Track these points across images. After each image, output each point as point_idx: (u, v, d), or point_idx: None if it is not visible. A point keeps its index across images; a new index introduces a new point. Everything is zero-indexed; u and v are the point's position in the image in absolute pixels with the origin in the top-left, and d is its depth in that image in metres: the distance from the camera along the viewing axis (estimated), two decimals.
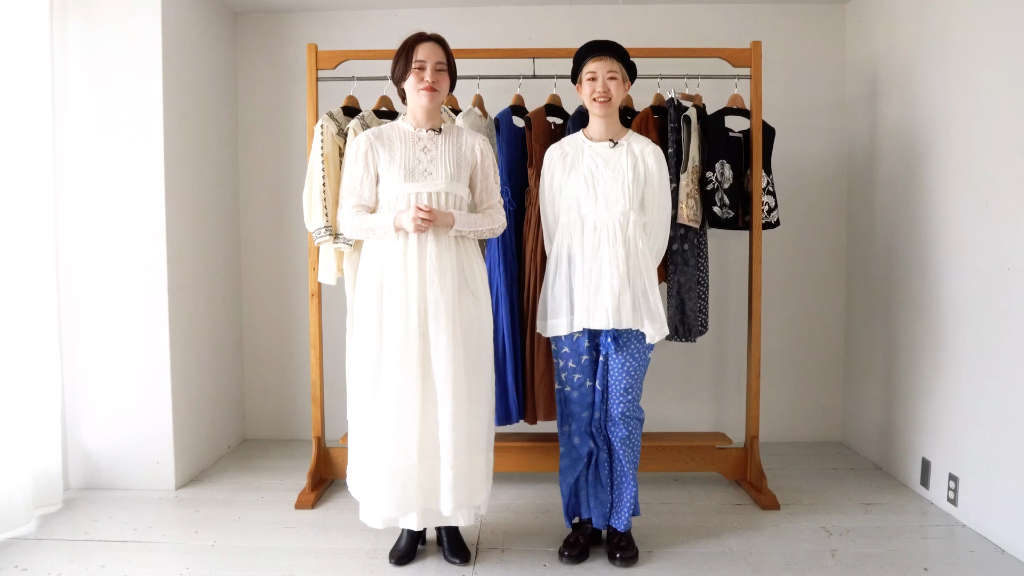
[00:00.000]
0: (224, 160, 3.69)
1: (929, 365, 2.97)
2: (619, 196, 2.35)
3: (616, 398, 2.41)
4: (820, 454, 3.61)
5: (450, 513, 2.29)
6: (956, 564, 2.42)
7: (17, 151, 2.74)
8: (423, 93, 2.28)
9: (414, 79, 2.28)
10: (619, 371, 2.40)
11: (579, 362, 2.43)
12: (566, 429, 2.51)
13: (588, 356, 2.43)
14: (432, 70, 2.28)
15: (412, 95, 2.32)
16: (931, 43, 2.98)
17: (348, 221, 2.34)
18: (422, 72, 2.28)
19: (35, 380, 2.80)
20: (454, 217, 2.29)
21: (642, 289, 2.35)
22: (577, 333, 2.41)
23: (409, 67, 2.28)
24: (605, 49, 2.38)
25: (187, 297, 3.27)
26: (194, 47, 3.36)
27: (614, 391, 2.41)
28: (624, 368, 2.39)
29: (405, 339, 2.25)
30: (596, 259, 2.34)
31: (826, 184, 3.75)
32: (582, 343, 2.42)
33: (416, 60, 2.28)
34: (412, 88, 2.30)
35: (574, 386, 2.45)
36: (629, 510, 2.47)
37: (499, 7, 3.73)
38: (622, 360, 2.39)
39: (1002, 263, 2.54)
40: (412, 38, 2.32)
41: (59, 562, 2.46)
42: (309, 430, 3.68)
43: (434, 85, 2.28)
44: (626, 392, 2.40)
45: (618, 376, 2.40)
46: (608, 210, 2.35)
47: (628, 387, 2.40)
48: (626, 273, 2.32)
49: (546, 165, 2.49)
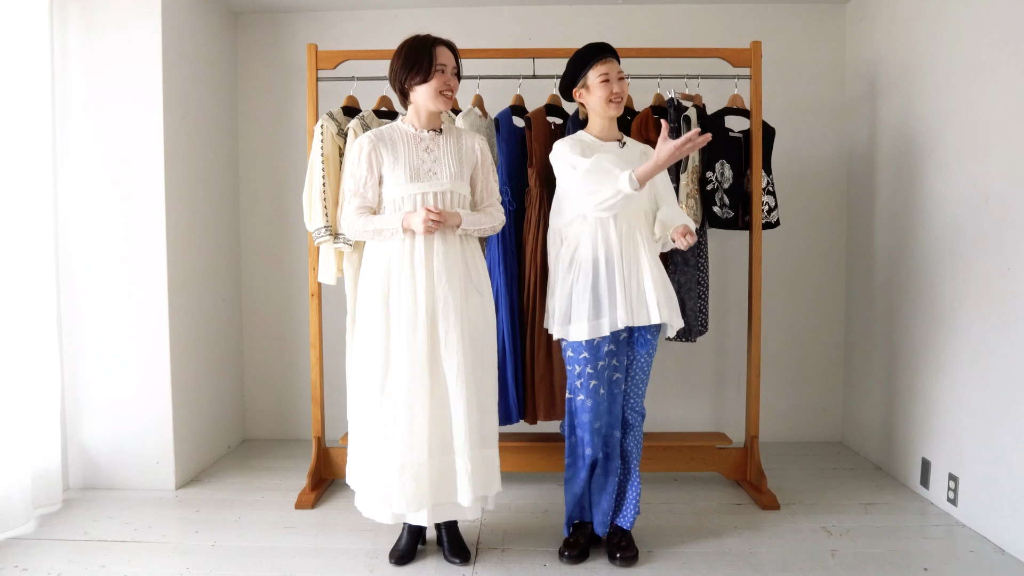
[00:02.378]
0: (224, 160, 3.69)
1: (929, 365, 2.97)
2: (644, 194, 2.37)
3: (635, 394, 2.48)
4: (820, 454, 3.61)
5: (469, 504, 2.29)
6: (956, 564, 2.42)
7: (17, 151, 2.74)
8: (443, 98, 2.28)
9: (436, 82, 2.25)
10: (640, 368, 2.46)
11: (596, 368, 2.37)
12: (575, 439, 2.47)
13: (605, 361, 2.39)
14: (451, 75, 2.29)
15: (428, 98, 2.28)
16: (931, 43, 2.98)
17: (353, 223, 2.33)
18: (444, 76, 2.26)
19: (35, 380, 2.80)
20: (461, 217, 2.30)
21: (666, 283, 2.41)
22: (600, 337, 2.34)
23: (432, 70, 2.24)
24: (610, 51, 2.39)
25: (187, 297, 3.27)
26: (194, 47, 3.36)
27: (635, 388, 2.47)
28: (643, 365, 2.46)
29: (414, 337, 2.25)
30: (635, 257, 2.35)
31: (826, 184, 3.75)
32: (603, 347, 2.37)
33: (439, 63, 2.25)
34: (432, 91, 2.26)
35: (588, 394, 2.38)
36: (634, 508, 2.47)
37: (499, 7, 3.73)
38: (643, 356, 2.45)
39: (1002, 263, 2.54)
40: (428, 40, 2.27)
41: (59, 562, 2.46)
42: (309, 430, 3.68)
43: (455, 89, 2.31)
44: (642, 386, 2.48)
45: (639, 373, 2.46)
46: (637, 208, 2.39)
47: (644, 381, 2.48)
48: (659, 268, 2.39)
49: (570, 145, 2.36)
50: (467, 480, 2.26)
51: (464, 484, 2.27)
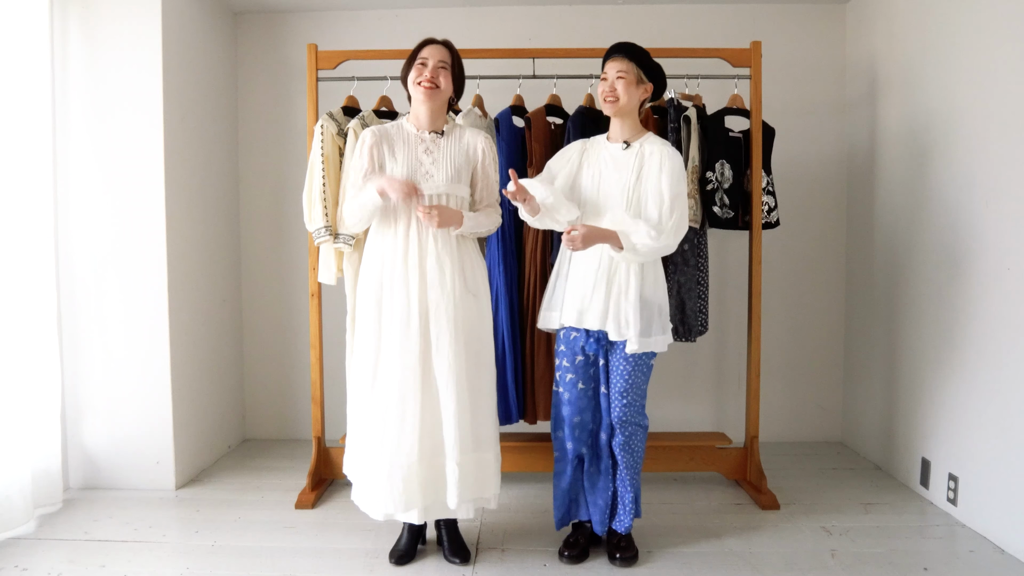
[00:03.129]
0: (224, 160, 3.69)
1: (929, 365, 2.97)
2: (619, 199, 2.33)
3: (618, 402, 2.38)
4: (820, 454, 3.61)
5: (455, 507, 2.29)
6: (956, 564, 2.42)
7: (17, 151, 2.74)
8: (421, 88, 2.28)
9: (414, 73, 2.30)
10: (616, 374, 2.38)
11: (573, 361, 2.40)
12: (559, 434, 2.48)
13: (583, 357, 2.40)
14: (434, 67, 2.29)
15: (413, 92, 2.34)
16: (931, 43, 2.98)
17: (346, 210, 2.37)
18: (423, 68, 2.29)
19: (35, 379, 2.80)
20: (463, 216, 2.30)
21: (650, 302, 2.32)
22: (574, 332, 2.39)
23: (411, 64, 2.32)
24: (617, 49, 2.39)
25: (187, 297, 3.27)
26: (194, 47, 3.36)
27: (616, 395, 2.39)
28: (620, 371, 2.37)
29: (405, 339, 2.26)
30: (593, 260, 2.34)
31: (826, 184, 3.75)
32: (578, 342, 2.39)
33: (419, 57, 2.31)
34: (412, 83, 2.32)
35: (566, 386, 2.42)
36: (629, 514, 2.46)
37: (499, 7, 3.73)
38: (620, 363, 2.37)
39: (1002, 263, 2.54)
40: (421, 41, 2.36)
41: (59, 562, 2.46)
42: (309, 430, 3.68)
43: (434, 79, 2.28)
44: (622, 395, 2.37)
45: (615, 379, 2.38)
46: (610, 211, 2.33)
47: (624, 391, 2.37)
48: (615, 278, 2.32)
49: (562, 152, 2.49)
50: (455, 484, 2.25)
51: (452, 488, 2.26)
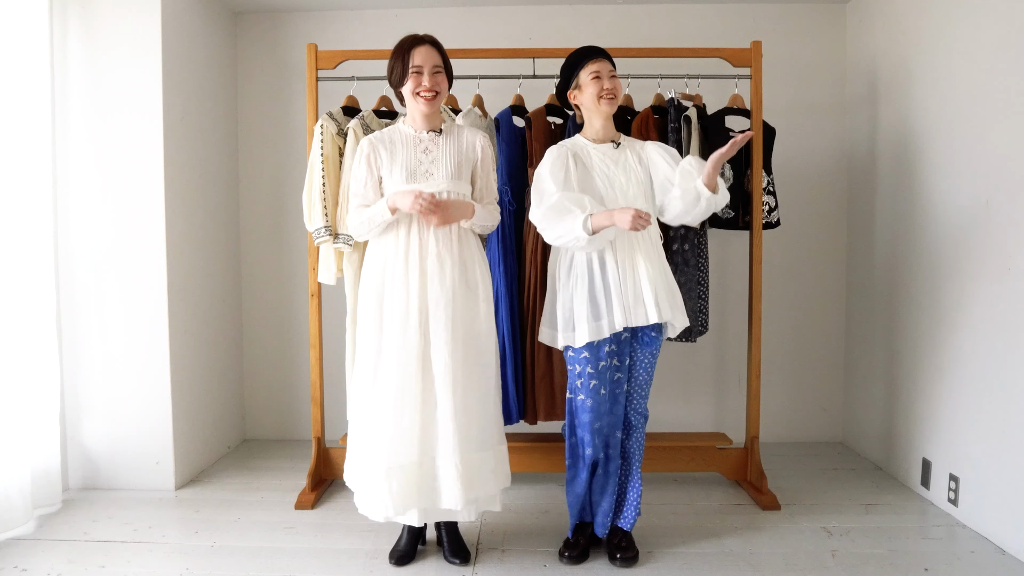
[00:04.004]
0: (224, 160, 3.69)
1: (929, 365, 2.97)
2: (637, 194, 2.35)
3: (638, 395, 2.45)
4: (820, 454, 3.61)
5: (458, 508, 2.27)
6: (956, 564, 2.41)
7: (17, 151, 2.74)
8: (422, 100, 2.27)
9: (412, 84, 2.27)
10: (643, 369, 2.43)
11: (597, 368, 2.36)
12: (575, 440, 2.46)
13: (607, 362, 2.38)
14: (429, 74, 2.27)
15: (411, 101, 2.30)
16: (931, 43, 2.97)
17: (351, 220, 2.36)
18: (420, 77, 2.26)
19: (34, 379, 2.80)
20: (474, 208, 2.29)
21: (668, 282, 2.38)
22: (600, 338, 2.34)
23: (406, 72, 2.27)
24: (600, 52, 2.40)
25: (187, 297, 3.27)
26: (194, 47, 3.36)
27: (638, 389, 2.45)
28: (646, 365, 2.43)
29: (405, 337, 2.25)
30: (631, 258, 2.33)
31: (826, 184, 3.75)
32: (603, 347, 2.36)
33: (413, 65, 2.26)
34: (410, 93, 2.29)
35: (589, 393, 2.37)
36: (635, 509, 2.47)
37: (499, 7, 3.73)
38: (646, 357, 2.42)
39: (1002, 263, 2.54)
40: (406, 41, 2.30)
41: (58, 562, 2.45)
42: (309, 430, 3.67)
43: (434, 88, 2.28)
44: (642, 387, 2.46)
45: (638, 372, 2.44)
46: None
47: (644, 383, 2.46)
48: (659, 267, 2.36)
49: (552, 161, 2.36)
50: (454, 485, 2.24)
51: (453, 489, 2.24)
